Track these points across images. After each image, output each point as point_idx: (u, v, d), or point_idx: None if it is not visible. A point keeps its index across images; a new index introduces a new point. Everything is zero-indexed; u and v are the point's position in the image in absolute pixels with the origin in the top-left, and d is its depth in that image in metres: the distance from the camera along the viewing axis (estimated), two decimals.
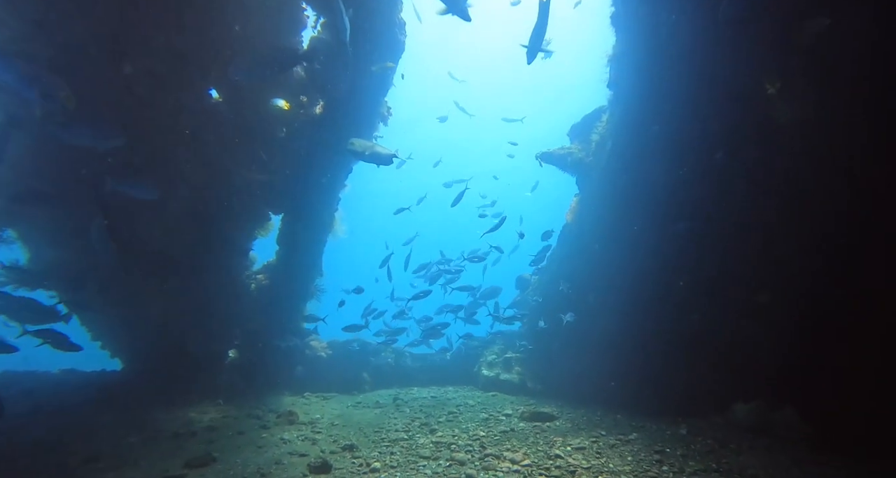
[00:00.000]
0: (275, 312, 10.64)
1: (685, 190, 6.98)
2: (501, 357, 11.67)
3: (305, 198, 9.36)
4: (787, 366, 6.49)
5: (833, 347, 6.03)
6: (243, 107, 7.97)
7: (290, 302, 10.84)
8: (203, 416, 7.98)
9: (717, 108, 6.22)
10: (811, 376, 6.29)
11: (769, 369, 6.69)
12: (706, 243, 6.95)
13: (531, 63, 5.58)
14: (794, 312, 6.31)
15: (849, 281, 5.80)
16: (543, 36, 5.45)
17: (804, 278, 6.20)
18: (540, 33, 5.46)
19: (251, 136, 8.22)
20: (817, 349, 6.17)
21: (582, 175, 9.30)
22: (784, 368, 6.52)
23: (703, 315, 7.23)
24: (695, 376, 7.32)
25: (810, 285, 6.18)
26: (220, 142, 8.08)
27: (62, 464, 5.47)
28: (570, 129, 10.11)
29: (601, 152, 8.57)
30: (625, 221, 7.93)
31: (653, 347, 7.87)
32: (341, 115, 7.93)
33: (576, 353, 9.57)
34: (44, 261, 8.23)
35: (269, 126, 8.56)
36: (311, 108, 8.71)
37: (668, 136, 6.98)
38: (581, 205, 9.24)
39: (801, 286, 6.25)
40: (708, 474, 4.80)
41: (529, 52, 5.54)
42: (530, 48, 5.50)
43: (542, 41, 5.50)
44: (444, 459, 5.69)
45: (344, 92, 7.64)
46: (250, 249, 10.27)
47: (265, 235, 10.30)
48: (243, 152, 8.42)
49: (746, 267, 6.75)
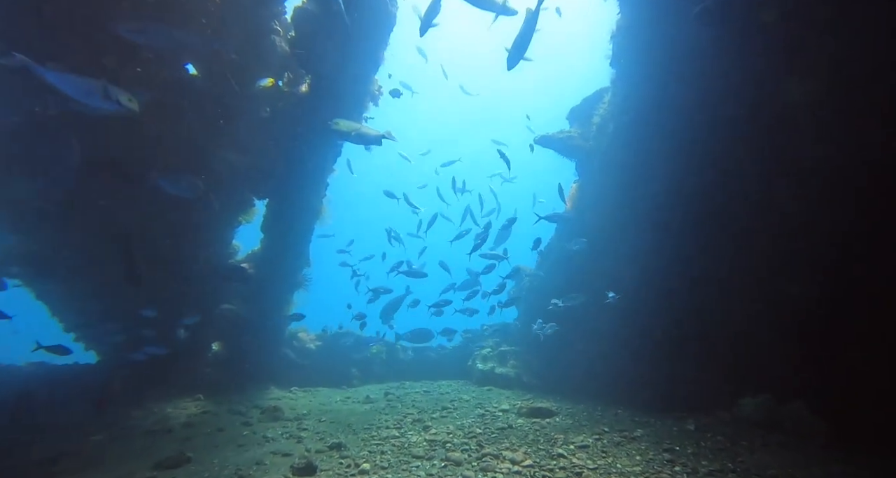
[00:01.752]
0: (260, 303, 10.16)
1: (695, 176, 6.61)
2: (496, 351, 11.30)
3: (291, 182, 8.87)
4: (796, 358, 6.18)
5: (845, 339, 5.72)
6: (222, 82, 7.43)
7: (276, 292, 10.34)
8: (181, 412, 7.51)
9: (730, 86, 5.82)
10: (821, 369, 5.98)
11: (777, 361, 6.37)
12: (715, 234, 6.58)
13: (512, 69, 5.36)
14: (807, 303, 5.97)
15: (864, 273, 5.48)
16: (528, 44, 5.21)
17: (819, 268, 5.87)
18: (525, 40, 5.22)
19: (232, 113, 7.67)
20: (829, 341, 5.86)
21: (582, 160, 8.88)
22: (793, 360, 6.21)
23: (709, 306, 6.89)
24: (699, 369, 6.98)
25: (825, 276, 5.85)
26: (199, 119, 7.55)
27: (14, 467, 4.97)
28: (570, 112, 9.66)
29: (602, 136, 8.15)
30: (628, 209, 7.55)
31: (656, 341, 7.53)
32: (328, 93, 7.41)
33: (575, 346, 9.21)
34: (6, 247, 7.66)
35: (252, 104, 8.03)
36: (297, 86, 8.19)
37: (675, 118, 6.59)
38: (581, 191, 8.83)
39: (815, 277, 5.91)
40: (725, 474, 4.43)
41: (511, 58, 5.29)
42: (512, 54, 5.26)
43: (527, 48, 5.24)
44: (438, 459, 5.28)
45: (330, 68, 7.12)
46: (233, 236, 9.76)
47: (249, 220, 9.80)
48: (224, 131, 7.88)
49: (757, 257, 6.40)
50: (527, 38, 5.16)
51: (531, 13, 5.08)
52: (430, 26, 5.57)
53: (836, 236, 5.64)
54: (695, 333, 6.98)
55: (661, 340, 7.39)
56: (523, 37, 5.16)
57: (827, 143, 5.58)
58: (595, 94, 9.09)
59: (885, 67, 4.88)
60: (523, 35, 5.15)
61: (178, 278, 8.59)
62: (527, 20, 5.09)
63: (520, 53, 5.25)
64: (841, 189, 5.53)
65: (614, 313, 7.96)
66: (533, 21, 5.06)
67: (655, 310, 7.43)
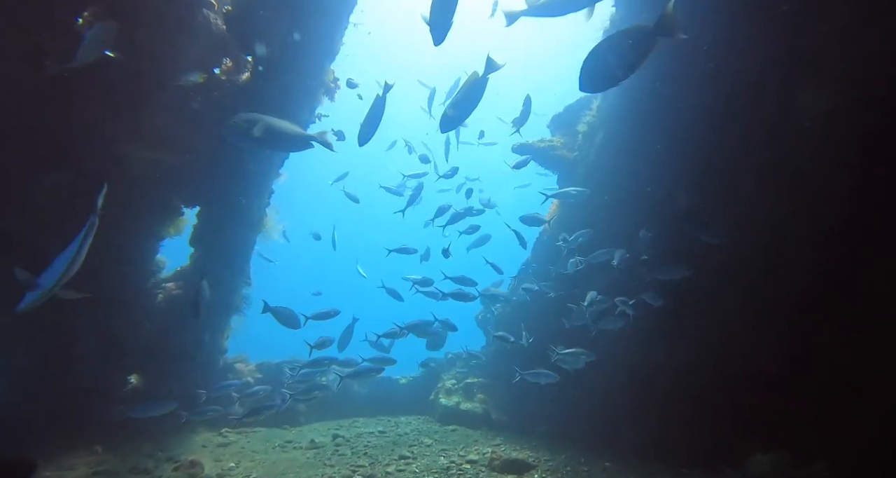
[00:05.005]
0: (188, 329, 8.62)
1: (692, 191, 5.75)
2: (462, 382, 10.11)
3: (229, 187, 7.51)
4: (815, 408, 5.33)
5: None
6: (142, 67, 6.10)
7: (208, 316, 8.82)
8: (65, 474, 5.90)
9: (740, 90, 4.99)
10: (845, 421, 5.15)
11: (791, 411, 5.49)
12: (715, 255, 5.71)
13: (363, 146, 5.27)
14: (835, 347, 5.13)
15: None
16: (377, 124, 5.20)
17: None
18: (373, 121, 5.19)
19: (152, 104, 6.32)
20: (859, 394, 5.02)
21: (565, 172, 7.94)
22: (812, 410, 5.35)
23: (710, 341, 5.99)
24: (701, 416, 6.03)
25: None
26: (109, 109, 6.16)
27: None
28: (551, 120, 8.75)
29: (589, 145, 7.23)
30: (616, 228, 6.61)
31: (647, 380, 6.57)
32: (269, 82, 6.18)
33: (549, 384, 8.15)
34: None
35: (178, 94, 6.69)
36: (238, 74, 6.92)
37: (674, 127, 5.73)
38: (563, 207, 7.86)
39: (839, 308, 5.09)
40: None
41: (361, 136, 5.18)
42: (362, 133, 5.17)
43: (376, 127, 5.20)
44: None
45: (277, 49, 5.90)
46: (157, 251, 8.24)
47: (178, 232, 8.32)
48: (143, 124, 6.50)
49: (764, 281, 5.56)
50: (376, 118, 5.14)
51: (379, 98, 5.06)
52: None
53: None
54: (695, 373, 6.04)
55: (656, 379, 6.42)
56: (372, 117, 5.15)
57: (842, 166, 4.83)
58: (579, 102, 8.23)
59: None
60: (372, 115, 5.13)
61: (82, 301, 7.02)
62: (374, 105, 5.06)
63: (369, 132, 5.18)
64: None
65: (601, 349, 6.95)
66: (381, 104, 5.04)
67: (648, 344, 6.49)
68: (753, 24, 5.01)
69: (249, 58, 6.64)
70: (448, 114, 4.47)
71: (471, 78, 4.31)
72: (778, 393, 5.55)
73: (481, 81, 4.31)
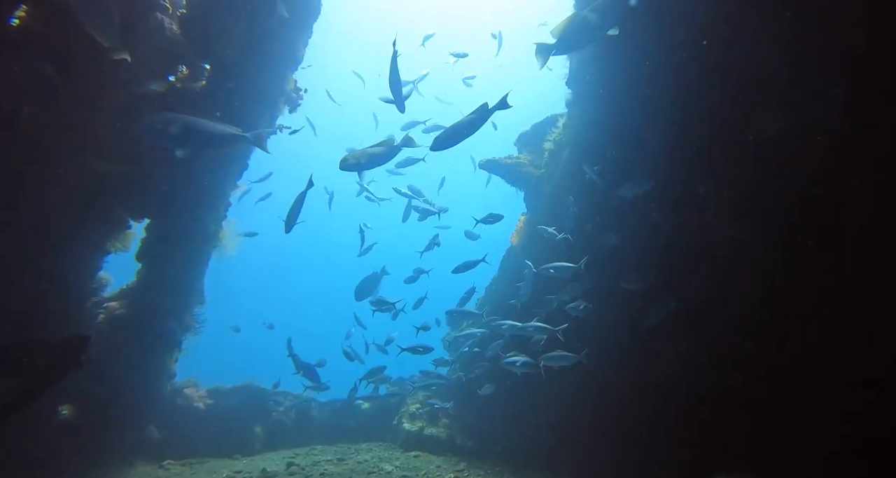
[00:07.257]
0: (133, 352, 8.00)
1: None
2: (426, 407, 9.74)
3: (180, 199, 7.10)
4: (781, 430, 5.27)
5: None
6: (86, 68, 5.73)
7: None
8: None
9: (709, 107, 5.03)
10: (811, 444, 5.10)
11: (757, 432, 5.42)
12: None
13: (289, 232, 5.80)
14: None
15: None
16: (298, 213, 5.69)
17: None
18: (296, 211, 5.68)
19: (98, 111, 5.94)
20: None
21: (531, 190, 7.88)
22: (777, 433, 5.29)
23: (684, 361, 5.90)
24: (666, 437, 5.90)
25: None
26: (48, 116, 5.75)
27: None
28: (518, 138, 8.75)
29: (555, 163, 7.20)
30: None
31: (616, 401, 6.42)
32: (224, 89, 5.90)
33: (516, 405, 7.93)
34: None
35: (130, 102, 6.32)
36: (194, 81, 6.62)
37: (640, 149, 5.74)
38: (529, 225, 7.77)
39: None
40: None
41: (288, 222, 5.69)
42: (288, 220, 5.67)
43: (297, 216, 5.69)
44: None
45: (229, 57, 5.65)
46: (100, 267, 7.67)
47: (125, 248, 7.79)
48: (85, 132, 6.09)
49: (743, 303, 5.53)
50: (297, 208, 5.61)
51: (301, 194, 5.52)
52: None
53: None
54: (666, 394, 5.92)
55: (626, 403, 6.28)
56: (294, 209, 5.61)
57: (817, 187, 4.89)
58: (546, 120, 8.25)
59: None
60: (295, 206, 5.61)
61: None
62: (296, 201, 5.54)
63: (293, 220, 5.63)
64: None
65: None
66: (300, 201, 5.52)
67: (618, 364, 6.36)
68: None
69: (207, 66, 6.35)
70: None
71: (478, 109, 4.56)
72: (743, 413, 5.48)
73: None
